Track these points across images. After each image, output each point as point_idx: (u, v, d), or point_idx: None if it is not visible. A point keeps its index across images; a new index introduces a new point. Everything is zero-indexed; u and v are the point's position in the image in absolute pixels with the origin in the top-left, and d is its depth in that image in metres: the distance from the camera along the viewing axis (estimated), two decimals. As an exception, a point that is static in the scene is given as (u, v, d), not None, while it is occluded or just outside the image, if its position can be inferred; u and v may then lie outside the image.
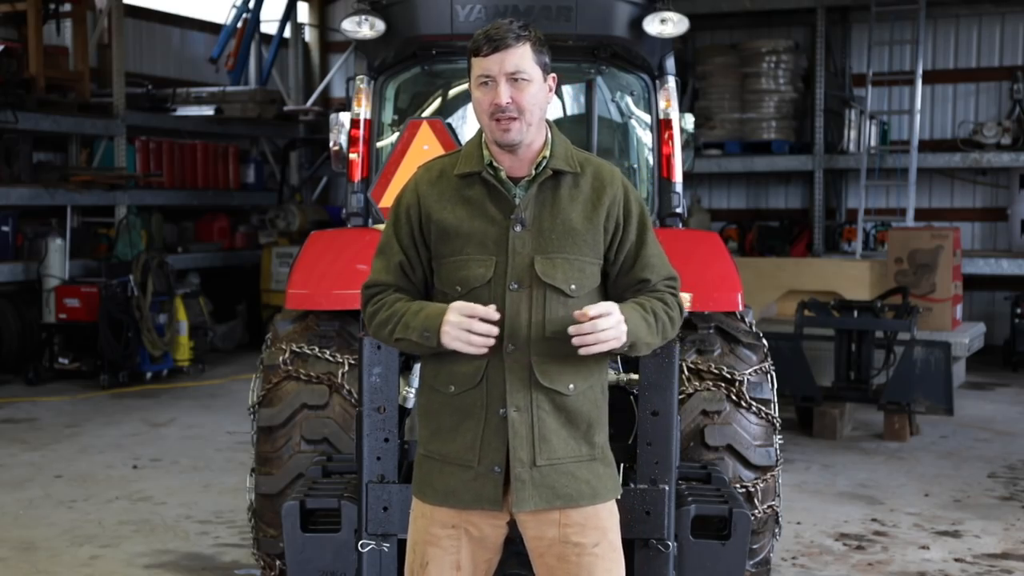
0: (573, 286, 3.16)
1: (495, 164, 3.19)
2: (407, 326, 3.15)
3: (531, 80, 3.12)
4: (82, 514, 6.95)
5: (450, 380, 3.18)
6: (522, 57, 3.11)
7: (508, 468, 3.14)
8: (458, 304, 3.08)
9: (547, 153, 3.20)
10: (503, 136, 3.12)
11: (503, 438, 3.13)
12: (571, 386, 3.16)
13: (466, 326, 3.05)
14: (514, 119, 3.10)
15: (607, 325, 3.03)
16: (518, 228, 3.15)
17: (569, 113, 6.09)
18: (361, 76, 5.57)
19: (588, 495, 3.19)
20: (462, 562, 3.22)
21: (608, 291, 3.28)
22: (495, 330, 3.06)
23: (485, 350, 3.07)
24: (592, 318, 3.03)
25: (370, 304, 3.26)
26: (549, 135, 3.23)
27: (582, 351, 3.06)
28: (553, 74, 3.22)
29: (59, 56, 12.92)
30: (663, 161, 5.56)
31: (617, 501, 3.29)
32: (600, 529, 3.21)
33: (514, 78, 3.10)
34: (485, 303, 3.09)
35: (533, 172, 3.19)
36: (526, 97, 3.11)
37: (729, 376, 4.76)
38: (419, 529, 3.26)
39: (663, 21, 5.19)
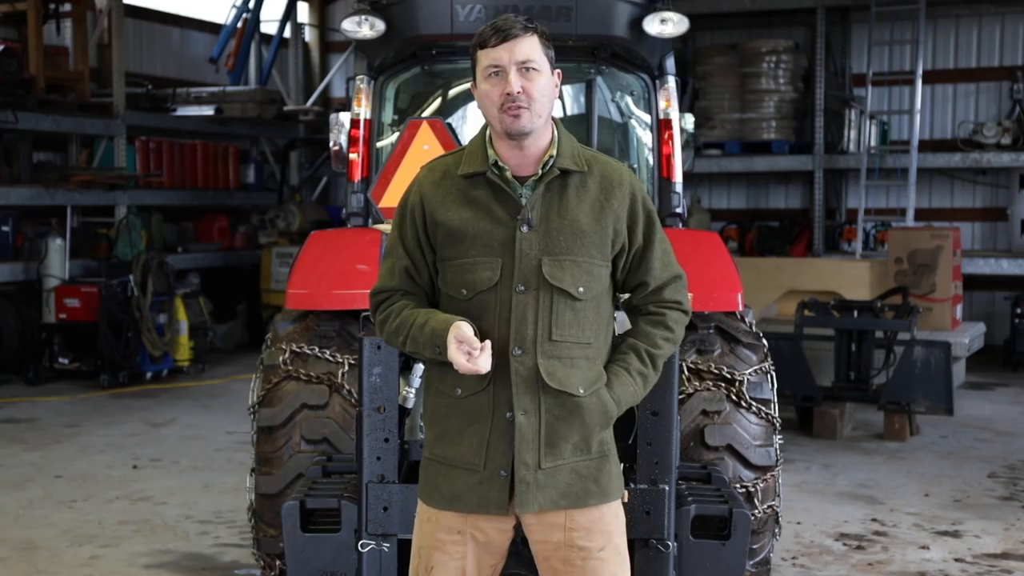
0: (581, 288, 3.10)
1: (500, 163, 3.13)
2: (416, 342, 3.12)
3: (540, 71, 3.08)
4: (82, 514, 6.95)
5: (457, 383, 3.12)
6: (531, 47, 3.07)
7: (514, 472, 3.10)
8: (454, 335, 3.02)
9: (553, 152, 3.13)
10: (513, 123, 3.05)
11: (509, 442, 3.09)
12: (581, 389, 3.10)
13: (462, 364, 3.02)
14: (524, 108, 3.04)
15: None
16: (525, 229, 3.09)
17: (569, 113, 6.09)
18: (361, 76, 5.58)
19: (596, 494, 3.15)
20: (468, 568, 3.18)
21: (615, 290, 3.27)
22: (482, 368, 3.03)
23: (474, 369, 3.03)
24: None
25: (379, 312, 3.23)
26: (555, 134, 3.17)
27: None
28: (559, 70, 3.18)
29: (59, 56, 12.91)
30: (663, 161, 5.56)
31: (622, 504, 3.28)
32: (606, 533, 3.17)
33: (524, 67, 3.05)
34: (491, 307, 3.08)
35: (540, 171, 3.13)
36: (536, 87, 3.06)
37: (729, 376, 4.76)
38: (424, 533, 3.22)
39: (663, 21, 5.19)
